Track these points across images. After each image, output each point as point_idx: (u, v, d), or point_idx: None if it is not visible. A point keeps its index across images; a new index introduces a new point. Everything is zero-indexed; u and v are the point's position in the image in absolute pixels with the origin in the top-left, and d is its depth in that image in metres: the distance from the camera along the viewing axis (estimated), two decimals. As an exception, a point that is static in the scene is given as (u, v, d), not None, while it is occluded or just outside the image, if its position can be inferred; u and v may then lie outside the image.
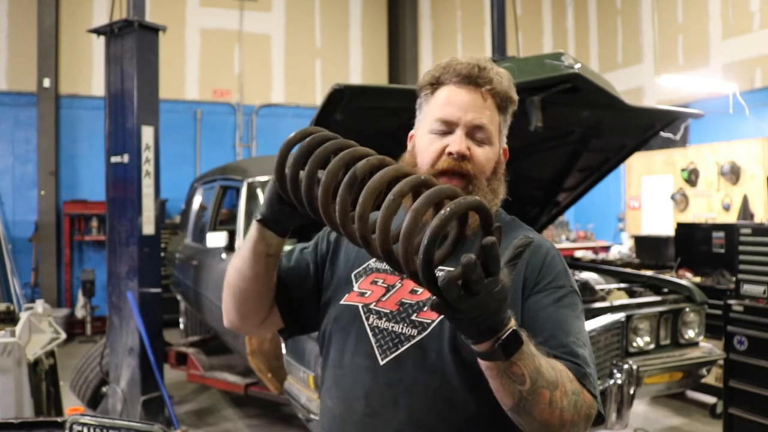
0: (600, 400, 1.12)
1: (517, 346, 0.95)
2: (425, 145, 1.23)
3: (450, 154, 1.19)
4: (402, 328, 1.18)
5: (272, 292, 1.26)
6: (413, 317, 1.18)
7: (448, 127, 1.21)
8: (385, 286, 1.24)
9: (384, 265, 1.26)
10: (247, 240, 1.20)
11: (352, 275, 1.30)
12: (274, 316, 1.31)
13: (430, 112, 1.24)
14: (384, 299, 1.22)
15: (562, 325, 1.14)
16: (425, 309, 1.17)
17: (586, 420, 1.07)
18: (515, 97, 1.26)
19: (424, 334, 1.16)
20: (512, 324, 0.95)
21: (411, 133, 1.31)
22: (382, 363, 1.17)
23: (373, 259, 1.27)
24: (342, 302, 1.26)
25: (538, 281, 1.19)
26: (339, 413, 1.22)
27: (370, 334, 1.20)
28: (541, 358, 1.01)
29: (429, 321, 1.17)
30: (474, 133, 1.21)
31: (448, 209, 0.84)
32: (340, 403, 1.22)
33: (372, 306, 1.22)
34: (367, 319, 1.21)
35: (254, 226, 1.16)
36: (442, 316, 1.12)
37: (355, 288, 1.27)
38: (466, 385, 1.13)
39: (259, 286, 1.22)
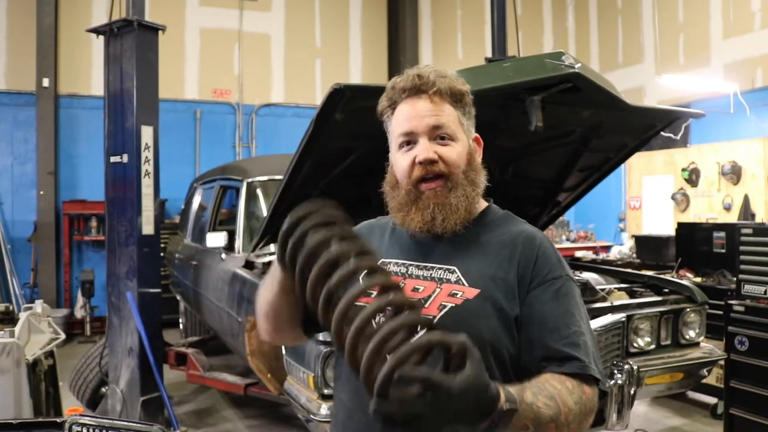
0: (603, 378, 1.22)
1: (511, 415, 1.02)
2: (398, 161, 1.32)
3: (420, 162, 1.27)
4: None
5: (302, 311, 1.31)
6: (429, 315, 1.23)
7: (412, 139, 1.29)
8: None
9: (395, 267, 1.35)
10: (271, 275, 1.27)
11: None
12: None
13: (394, 131, 1.34)
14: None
15: (564, 318, 1.23)
16: (426, 306, 1.24)
17: (592, 411, 1.18)
18: (463, 88, 1.31)
19: None
20: (501, 401, 0.99)
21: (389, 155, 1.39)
22: None
23: (389, 261, 1.36)
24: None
25: (534, 276, 1.26)
26: (351, 405, 1.28)
27: None
28: (538, 399, 1.09)
29: (430, 317, 1.21)
30: (436, 135, 1.28)
31: (404, 350, 0.90)
32: (351, 395, 1.28)
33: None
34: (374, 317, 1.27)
35: (275, 264, 1.21)
36: (440, 314, 1.22)
37: None
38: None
39: (289, 312, 1.30)
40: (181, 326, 6.46)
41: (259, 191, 4.53)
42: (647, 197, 8.78)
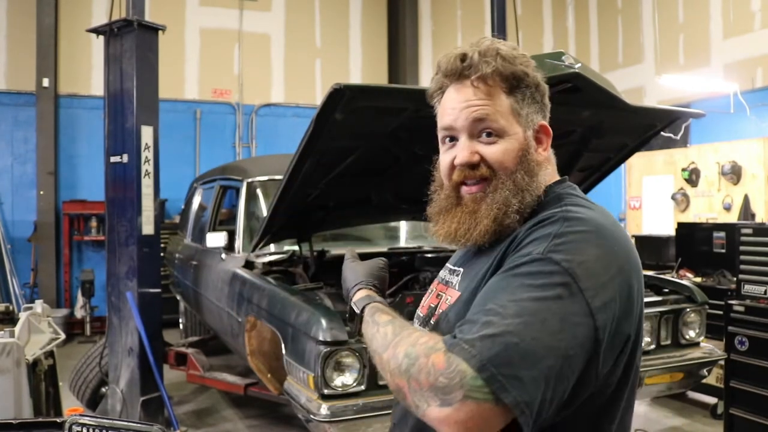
0: (485, 375, 0.85)
1: (354, 317, 1.15)
2: (441, 160, 1.16)
3: (458, 165, 1.10)
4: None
5: None
6: (431, 321, 1.19)
7: (453, 135, 1.12)
8: (429, 291, 1.29)
9: (442, 272, 1.30)
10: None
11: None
12: None
13: (438, 123, 1.16)
14: (423, 304, 1.27)
15: (490, 294, 0.95)
16: (436, 312, 1.18)
17: (433, 389, 0.87)
18: (521, 68, 1.10)
19: None
20: (355, 297, 1.21)
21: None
22: None
23: (446, 267, 1.28)
24: None
25: (507, 259, 1.01)
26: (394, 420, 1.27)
27: None
28: (386, 327, 1.04)
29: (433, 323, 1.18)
30: (479, 130, 1.09)
31: None
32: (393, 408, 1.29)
33: (418, 311, 1.29)
34: (413, 324, 1.20)
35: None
36: (435, 320, 1.19)
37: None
38: None
39: None
40: (181, 326, 6.45)
41: (259, 191, 4.53)
42: (647, 197, 8.78)
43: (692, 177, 7.88)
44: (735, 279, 4.16)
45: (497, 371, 0.85)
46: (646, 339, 3.40)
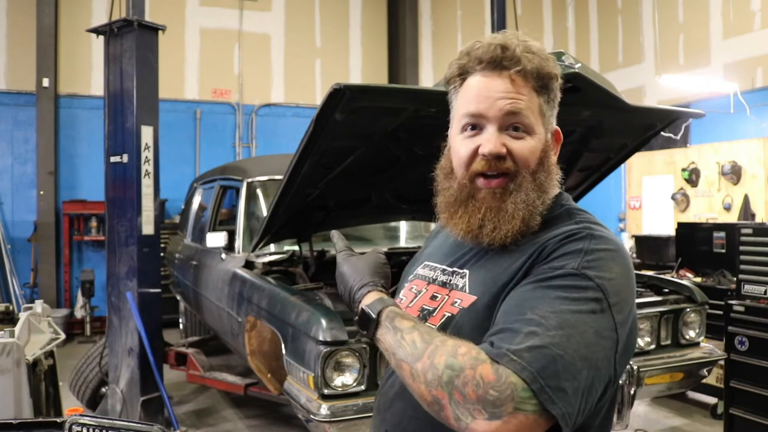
0: (535, 387, 0.86)
1: (368, 324, 1.03)
2: (457, 146, 1.12)
3: (485, 155, 1.07)
4: None
5: None
6: (426, 323, 1.16)
7: (478, 123, 1.09)
8: (416, 292, 1.23)
9: (423, 271, 1.26)
10: None
11: (405, 280, 1.32)
12: None
13: (458, 108, 1.12)
14: (411, 305, 1.21)
15: (528, 302, 0.94)
16: (434, 315, 1.13)
17: (482, 401, 0.86)
18: (554, 71, 1.11)
19: None
20: (366, 300, 1.06)
21: (447, 133, 1.19)
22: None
23: (421, 265, 1.28)
24: None
25: (537, 267, 1.00)
26: (376, 405, 1.27)
27: None
28: (411, 333, 0.98)
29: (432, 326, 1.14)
30: (509, 123, 1.07)
31: None
32: (378, 396, 1.27)
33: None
34: None
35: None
36: (438, 324, 1.13)
37: (400, 294, 1.29)
38: None
39: None
40: (181, 326, 6.45)
41: (259, 191, 4.53)
42: (647, 197, 8.78)
43: (692, 177, 7.89)
44: (735, 279, 4.16)
45: (545, 383, 0.86)
46: (647, 339, 3.40)
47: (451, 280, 1.15)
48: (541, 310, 0.92)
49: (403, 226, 5.06)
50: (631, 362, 3.19)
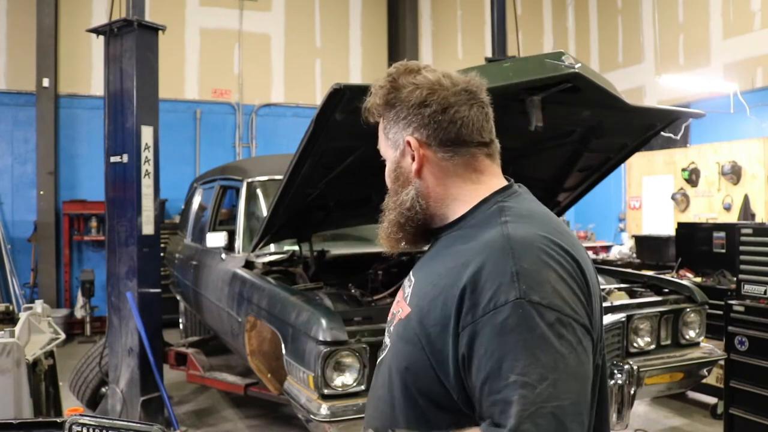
0: None
1: None
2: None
3: None
4: (386, 337, 1.22)
5: None
6: (390, 328, 1.21)
7: None
8: (400, 294, 1.29)
9: (411, 272, 1.31)
10: None
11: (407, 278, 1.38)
12: None
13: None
14: (392, 308, 1.27)
15: (501, 363, 0.92)
16: (393, 321, 1.18)
17: None
18: (377, 101, 1.24)
19: (388, 347, 1.19)
20: None
21: None
22: (377, 366, 1.25)
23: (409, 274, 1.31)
24: None
25: (473, 304, 0.96)
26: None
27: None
28: None
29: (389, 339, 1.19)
30: None
31: None
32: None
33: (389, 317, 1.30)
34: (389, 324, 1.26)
35: None
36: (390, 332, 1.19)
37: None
38: (408, 407, 1.09)
39: None
40: (181, 326, 6.46)
41: (259, 191, 4.53)
42: (647, 197, 8.79)
43: (692, 177, 7.89)
44: (735, 279, 4.16)
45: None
46: (647, 339, 3.40)
47: (405, 288, 1.21)
48: (518, 367, 0.91)
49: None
50: (631, 362, 3.19)
